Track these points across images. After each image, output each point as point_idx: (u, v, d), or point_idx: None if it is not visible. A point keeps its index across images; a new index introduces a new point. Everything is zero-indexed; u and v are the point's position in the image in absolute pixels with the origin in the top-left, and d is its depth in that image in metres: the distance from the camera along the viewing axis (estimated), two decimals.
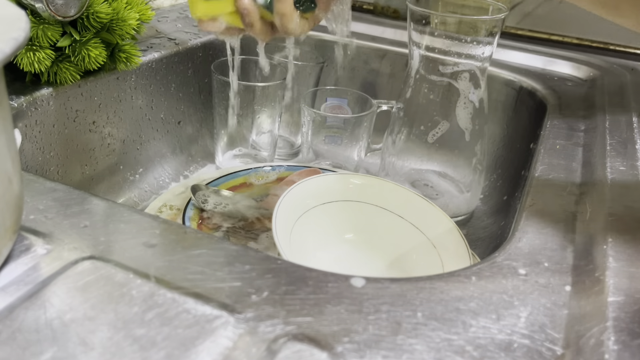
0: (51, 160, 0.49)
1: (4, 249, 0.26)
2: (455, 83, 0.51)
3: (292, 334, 0.24)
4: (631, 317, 0.26)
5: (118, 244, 0.29)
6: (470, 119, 0.53)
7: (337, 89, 0.63)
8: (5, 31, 0.24)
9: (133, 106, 0.58)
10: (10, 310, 0.24)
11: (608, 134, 0.47)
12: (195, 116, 0.67)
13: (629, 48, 0.72)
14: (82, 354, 0.22)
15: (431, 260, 0.42)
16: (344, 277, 0.28)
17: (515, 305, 0.27)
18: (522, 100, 0.63)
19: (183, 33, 0.66)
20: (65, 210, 0.31)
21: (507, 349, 0.24)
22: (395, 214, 0.45)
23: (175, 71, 0.62)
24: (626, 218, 0.35)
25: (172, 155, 0.65)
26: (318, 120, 0.57)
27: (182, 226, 0.31)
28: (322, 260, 0.43)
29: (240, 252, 0.29)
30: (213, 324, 0.24)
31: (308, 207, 0.44)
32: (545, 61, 0.67)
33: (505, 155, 0.64)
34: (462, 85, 0.51)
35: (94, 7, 0.47)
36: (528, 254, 0.31)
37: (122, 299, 0.25)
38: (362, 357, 0.23)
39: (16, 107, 0.45)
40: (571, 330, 0.26)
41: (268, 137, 0.62)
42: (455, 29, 0.49)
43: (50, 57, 0.45)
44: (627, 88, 0.59)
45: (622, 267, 0.30)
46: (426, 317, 0.26)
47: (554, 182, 0.40)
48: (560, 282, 0.29)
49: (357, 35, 0.73)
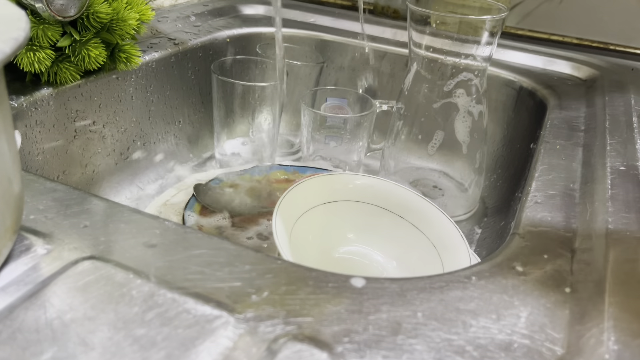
0: (51, 160, 0.49)
1: (4, 249, 0.26)
2: (454, 99, 0.51)
3: (292, 334, 0.24)
4: (631, 317, 0.26)
5: (118, 244, 0.29)
6: (469, 127, 0.53)
7: (337, 89, 0.63)
8: (5, 31, 0.24)
9: (133, 106, 0.58)
10: (10, 310, 0.24)
11: (608, 134, 0.47)
12: (195, 116, 0.67)
13: (629, 48, 0.72)
14: (82, 354, 0.22)
15: (431, 260, 0.42)
16: (344, 277, 0.28)
17: (515, 305, 0.27)
18: (522, 100, 0.63)
19: (183, 33, 0.66)
20: (65, 210, 0.31)
21: (507, 349, 0.24)
22: (396, 214, 0.45)
23: (175, 71, 0.62)
24: (626, 218, 0.35)
25: (172, 155, 0.65)
26: (318, 120, 0.57)
27: (182, 226, 0.31)
28: (322, 260, 0.43)
29: (240, 252, 0.29)
30: (213, 324, 0.24)
31: (308, 207, 0.44)
32: (545, 61, 0.67)
33: (505, 155, 0.64)
34: (462, 95, 0.51)
35: (94, 7, 0.47)
36: (528, 254, 0.31)
37: (122, 299, 0.25)
38: (362, 357, 0.23)
39: (16, 107, 0.45)
40: (571, 330, 0.26)
41: (268, 136, 0.62)
42: (456, 29, 0.49)
43: (50, 57, 0.45)
44: (627, 88, 0.59)
45: (622, 266, 0.30)
46: (426, 317, 0.26)
47: (554, 182, 0.40)
48: (561, 282, 0.29)
49: (357, 35, 0.73)
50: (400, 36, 0.73)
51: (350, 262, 0.45)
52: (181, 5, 0.76)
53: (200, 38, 0.66)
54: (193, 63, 0.65)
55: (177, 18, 0.70)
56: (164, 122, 0.63)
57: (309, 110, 0.57)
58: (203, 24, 0.71)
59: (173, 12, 0.73)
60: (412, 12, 0.50)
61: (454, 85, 0.52)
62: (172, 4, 0.76)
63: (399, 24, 0.76)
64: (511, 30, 0.76)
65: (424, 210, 0.44)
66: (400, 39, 0.73)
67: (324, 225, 0.44)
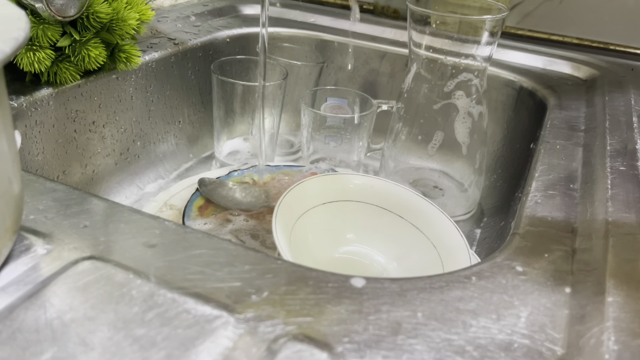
0: (51, 160, 0.49)
1: (4, 249, 0.26)
2: (454, 100, 0.51)
3: (292, 334, 0.24)
4: (631, 317, 0.26)
5: (118, 244, 0.29)
6: (469, 128, 0.53)
7: (337, 89, 0.63)
8: (5, 31, 0.24)
9: (133, 106, 0.58)
10: (10, 310, 0.24)
11: (608, 134, 0.47)
12: (195, 116, 0.67)
13: (629, 48, 0.72)
14: (82, 354, 0.22)
15: (431, 260, 0.42)
16: (344, 277, 0.28)
17: (515, 305, 0.27)
18: (522, 100, 0.63)
19: (183, 33, 0.66)
20: (65, 210, 0.31)
21: (507, 349, 0.24)
22: (395, 214, 0.45)
23: (175, 71, 0.62)
24: (626, 218, 0.35)
25: (172, 155, 0.65)
26: (318, 120, 0.57)
27: (182, 226, 0.31)
28: (322, 260, 0.43)
29: (240, 252, 0.29)
30: (213, 324, 0.24)
31: (308, 207, 0.44)
32: (545, 61, 0.67)
33: (506, 155, 0.64)
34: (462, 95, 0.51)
35: (94, 7, 0.47)
36: (528, 254, 0.31)
37: (122, 299, 0.25)
38: (362, 357, 0.23)
39: (16, 107, 0.45)
40: (571, 330, 0.26)
41: (268, 136, 0.62)
42: (456, 29, 0.49)
43: (50, 57, 0.45)
44: (627, 88, 0.59)
45: (622, 266, 0.30)
46: (426, 317, 0.26)
47: (554, 182, 0.40)
48: (561, 282, 0.29)
49: (357, 35, 0.73)
50: (400, 36, 0.73)
51: (350, 262, 0.45)
52: (181, 5, 0.76)
53: (200, 38, 0.66)
54: (193, 63, 0.65)
55: (177, 18, 0.70)
56: (164, 122, 0.63)
57: (309, 110, 0.57)
58: (203, 24, 0.71)
59: (173, 12, 0.73)
60: (412, 12, 0.50)
61: (454, 86, 0.52)
62: (172, 4, 0.76)
63: (399, 24, 0.76)
64: (511, 30, 0.76)
65: (424, 210, 0.44)
66: (400, 39, 0.73)
67: (323, 225, 0.44)
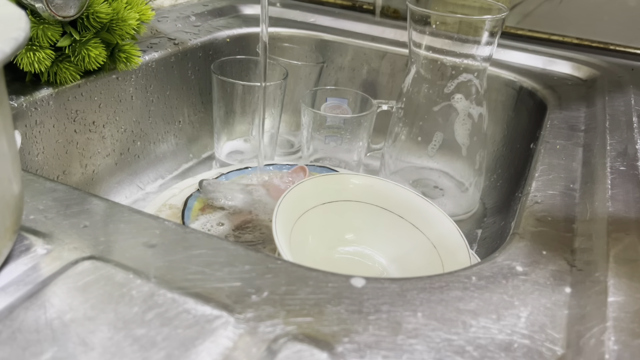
0: (51, 160, 0.49)
1: (4, 249, 0.26)
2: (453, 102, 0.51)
3: (292, 334, 0.24)
4: (631, 317, 0.26)
5: (118, 244, 0.29)
6: (469, 130, 0.53)
7: (337, 89, 0.63)
8: (5, 31, 0.24)
9: (133, 106, 0.58)
10: (10, 310, 0.24)
11: (608, 134, 0.47)
12: (195, 116, 0.67)
13: (629, 48, 0.72)
14: (82, 354, 0.22)
15: (431, 260, 0.42)
16: (344, 277, 0.28)
17: (515, 305, 0.27)
18: (522, 100, 0.63)
19: (183, 33, 0.66)
20: (65, 210, 0.31)
21: (507, 349, 0.24)
22: (395, 214, 0.45)
23: (175, 71, 0.62)
24: (626, 218, 0.35)
25: (172, 155, 0.65)
26: (318, 120, 0.57)
27: (182, 226, 0.31)
28: (322, 260, 0.43)
29: (240, 252, 0.29)
30: (213, 324, 0.24)
31: (308, 207, 0.44)
32: (545, 61, 0.67)
33: (506, 155, 0.64)
34: (462, 93, 0.51)
35: (94, 7, 0.47)
36: (528, 254, 0.31)
37: (122, 299, 0.25)
38: (362, 357, 0.23)
39: (16, 107, 0.45)
40: (571, 330, 0.26)
41: (268, 136, 0.62)
42: (456, 29, 0.49)
43: (50, 57, 0.45)
44: (627, 88, 0.59)
45: (622, 267, 0.30)
46: (426, 317, 0.26)
47: (554, 182, 0.40)
48: (561, 282, 0.29)
49: (357, 35, 0.73)
50: (400, 36, 0.73)
51: (350, 262, 0.45)
52: (181, 5, 0.76)
53: (200, 38, 0.66)
54: (193, 63, 0.65)
55: (177, 18, 0.70)
56: (164, 122, 0.63)
57: (309, 110, 0.57)
58: (203, 24, 0.71)
59: (173, 12, 0.73)
60: (412, 12, 0.50)
61: (454, 87, 0.52)
62: (172, 4, 0.76)
63: (399, 24, 0.76)
64: (511, 30, 0.76)
65: (424, 210, 0.44)
66: (400, 39, 0.73)
67: (324, 225, 0.44)
